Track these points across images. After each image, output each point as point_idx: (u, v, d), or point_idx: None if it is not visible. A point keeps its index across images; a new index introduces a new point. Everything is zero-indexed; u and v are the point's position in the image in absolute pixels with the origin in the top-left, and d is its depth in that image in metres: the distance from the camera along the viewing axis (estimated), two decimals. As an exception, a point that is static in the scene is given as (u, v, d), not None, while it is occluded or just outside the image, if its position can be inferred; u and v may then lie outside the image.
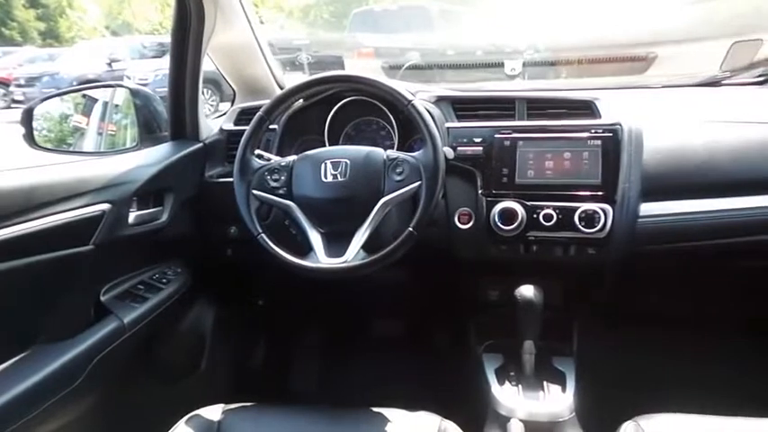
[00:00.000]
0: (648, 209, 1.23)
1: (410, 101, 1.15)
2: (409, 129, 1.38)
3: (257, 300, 1.78)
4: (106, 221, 1.16)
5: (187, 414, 1.08)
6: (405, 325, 1.92)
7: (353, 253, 1.12)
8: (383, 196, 1.13)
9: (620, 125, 1.24)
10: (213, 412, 1.08)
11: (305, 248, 1.16)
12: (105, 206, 1.16)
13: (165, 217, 1.34)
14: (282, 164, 1.21)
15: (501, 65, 1.88)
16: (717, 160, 1.24)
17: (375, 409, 1.08)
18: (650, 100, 1.48)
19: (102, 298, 1.22)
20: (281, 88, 1.61)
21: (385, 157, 1.16)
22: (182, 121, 1.45)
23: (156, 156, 1.36)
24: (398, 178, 1.13)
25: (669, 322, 1.59)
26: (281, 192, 1.18)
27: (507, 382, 1.25)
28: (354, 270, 1.11)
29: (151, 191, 1.30)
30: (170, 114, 1.46)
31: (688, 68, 1.88)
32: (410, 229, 1.11)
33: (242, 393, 1.18)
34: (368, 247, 1.13)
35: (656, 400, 1.06)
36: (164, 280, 1.37)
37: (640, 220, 1.22)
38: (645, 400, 1.09)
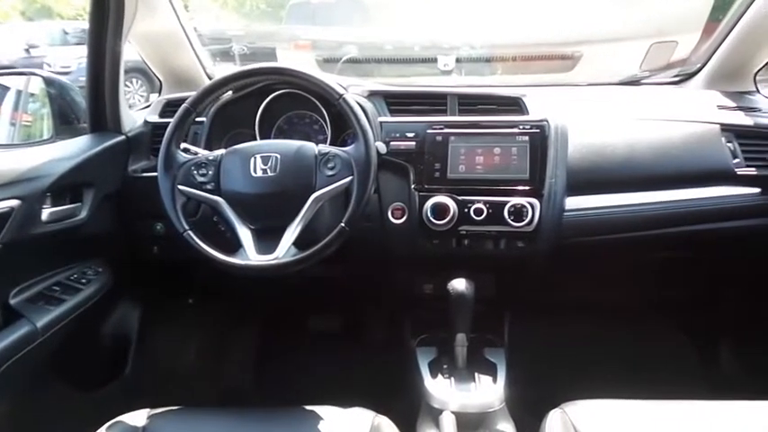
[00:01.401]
0: (573, 203, 1.27)
1: (341, 95, 1.14)
2: (342, 123, 1.37)
3: (187, 298, 1.72)
4: (15, 219, 1.08)
5: (109, 422, 1.02)
6: (340, 320, 1.92)
7: (284, 250, 1.09)
8: (314, 191, 1.11)
9: (547, 121, 1.27)
10: (137, 418, 1.03)
11: (234, 245, 1.13)
12: (14, 202, 1.08)
13: (83, 213, 1.26)
14: (210, 158, 1.16)
15: (434, 60, 1.89)
16: (637, 156, 1.30)
17: (308, 408, 1.07)
18: (576, 97, 1.53)
19: (12, 301, 1.14)
20: (211, 79, 1.55)
21: (316, 151, 1.14)
22: (101, 113, 1.37)
23: (73, 149, 1.28)
24: (330, 173, 1.12)
25: (594, 311, 1.66)
26: (208, 187, 1.14)
27: (440, 375, 1.26)
28: (285, 267, 1.09)
29: (67, 186, 1.23)
30: (89, 105, 1.38)
31: (611, 67, 1.97)
32: (342, 224, 1.10)
33: (170, 397, 1.13)
34: (299, 243, 1.11)
35: (584, 387, 1.10)
36: (83, 280, 1.29)
37: (566, 213, 1.26)
38: (572, 387, 1.12)
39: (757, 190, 1.30)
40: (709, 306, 1.72)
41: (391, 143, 1.29)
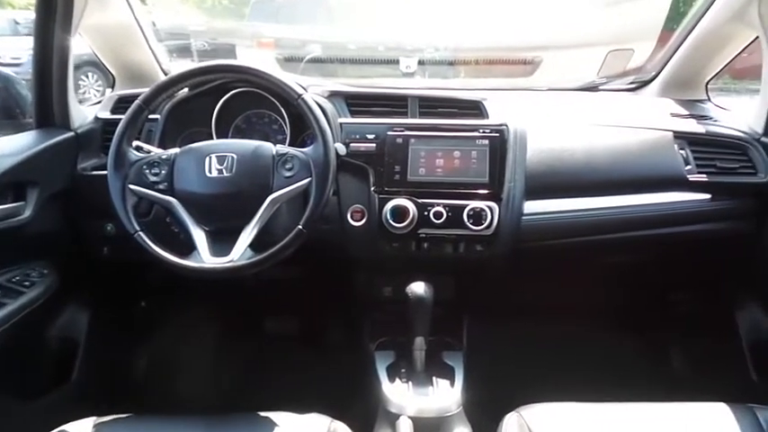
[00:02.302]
0: (532, 207, 1.28)
1: (300, 95, 1.12)
2: (301, 123, 1.34)
3: (139, 301, 1.66)
4: None
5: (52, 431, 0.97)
6: (299, 323, 1.89)
7: (240, 252, 1.07)
8: (272, 193, 1.09)
9: (507, 126, 1.28)
10: (83, 426, 0.98)
11: (188, 247, 1.10)
12: None
13: (27, 213, 1.20)
14: (163, 157, 1.13)
15: (396, 62, 1.89)
16: (594, 161, 1.32)
17: (263, 414, 1.04)
18: (536, 102, 1.54)
19: None
20: (167, 75, 1.50)
21: (274, 152, 1.12)
22: (48, 108, 1.31)
23: (16, 145, 1.22)
24: (288, 174, 1.11)
25: (551, 314, 1.68)
26: (161, 187, 1.11)
27: (398, 380, 1.25)
28: (240, 270, 1.07)
29: (9, 184, 1.17)
30: (35, 99, 1.32)
31: (570, 73, 2.00)
32: (299, 226, 1.08)
33: (121, 404, 1.09)
34: (256, 245, 1.09)
35: (541, 390, 1.11)
36: (26, 282, 1.23)
37: (524, 217, 1.27)
38: (530, 390, 1.13)
39: (708, 196, 1.33)
40: (661, 309, 1.76)
41: (351, 145, 1.28)
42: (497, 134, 1.27)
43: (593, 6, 2.17)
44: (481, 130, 1.28)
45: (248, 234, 1.08)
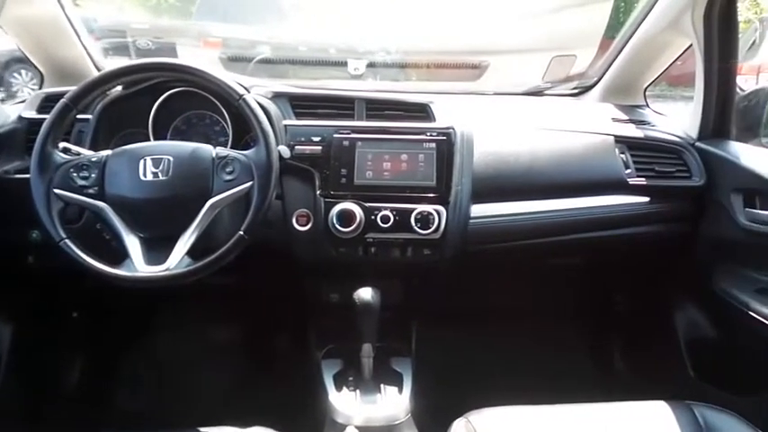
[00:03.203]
0: (478, 210, 1.28)
1: (241, 95, 1.09)
2: (244, 125, 1.30)
3: (70, 312, 1.57)
4: None
5: None
6: (243, 332, 1.83)
7: (177, 259, 1.02)
8: (211, 197, 1.05)
9: (453, 129, 1.28)
10: None
11: (121, 255, 1.04)
12: None
13: None
14: (93, 159, 1.07)
15: (345, 64, 1.87)
16: (538, 165, 1.34)
17: (203, 429, 0.99)
18: (482, 106, 1.55)
19: None
20: (100, 73, 1.43)
21: (214, 154, 1.08)
22: (-35, 106, 1.21)
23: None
24: (228, 178, 1.07)
25: (500, 317, 1.69)
26: (90, 191, 1.05)
27: (345, 388, 1.23)
28: (177, 278, 1.02)
29: None
30: (-50, 97, 1.22)
31: (516, 78, 2.03)
32: (240, 232, 1.05)
33: (47, 422, 1.01)
34: (194, 252, 1.04)
35: (490, 394, 1.10)
36: None
37: (471, 221, 1.27)
38: (479, 394, 1.12)
39: (647, 199, 1.37)
40: (605, 310, 1.80)
41: (296, 147, 1.25)
42: (445, 137, 1.27)
43: (538, 12, 2.21)
44: (428, 133, 1.27)
45: (186, 240, 1.03)
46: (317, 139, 1.26)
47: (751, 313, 1.23)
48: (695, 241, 1.42)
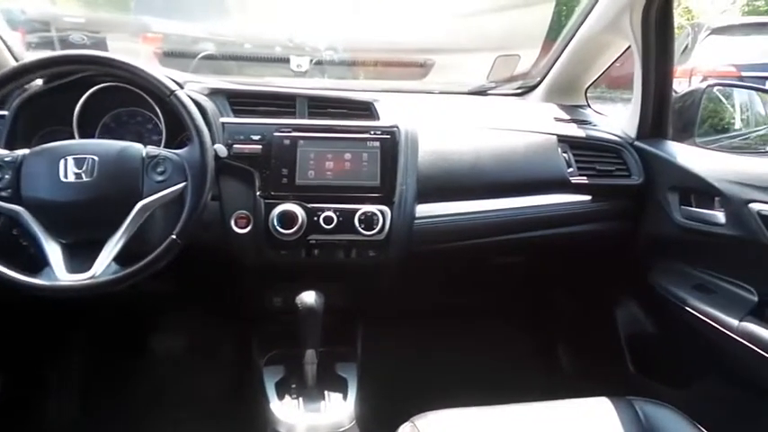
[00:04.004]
0: (424, 210, 1.26)
1: (173, 91, 1.03)
2: (179, 123, 1.24)
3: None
4: None
5: None
6: (183, 339, 1.75)
7: (103, 266, 0.96)
8: (141, 199, 1.00)
9: (398, 127, 1.25)
10: None
11: (40, 263, 0.96)
12: None
13: None
14: (7, 159, 0.99)
15: (287, 61, 1.81)
16: (482, 164, 1.33)
17: None
18: (427, 105, 1.54)
19: None
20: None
21: (144, 153, 1.03)
22: None
23: None
24: (160, 178, 1.02)
25: (446, 318, 1.68)
26: (3, 194, 0.97)
27: (287, 396, 1.19)
28: (103, 287, 0.95)
29: None
30: None
31: (461, 77, 2.03)
32: (173, 236, 0.99)
33: None
34: (123, 258, 0.98)
35: (436, 396, 1.09)
36: None
37: (416, 221, 1.25)
38: (426, 397, 1.11)
39: (588, 197, 1.39)
40: (550, 308, 1.83)
41: (234, 146, 1.19)
42: (388, 136, 1.24)
43: (481, 11, 2.22)
44: (372, 132, 1.24)
45: (113, 246, 0.97)
46: (256, 137, 1.21)
47: (687, 309, 1.26)
48: (635, 239, 1.46)
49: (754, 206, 1.14)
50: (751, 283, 1.19)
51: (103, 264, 0.96)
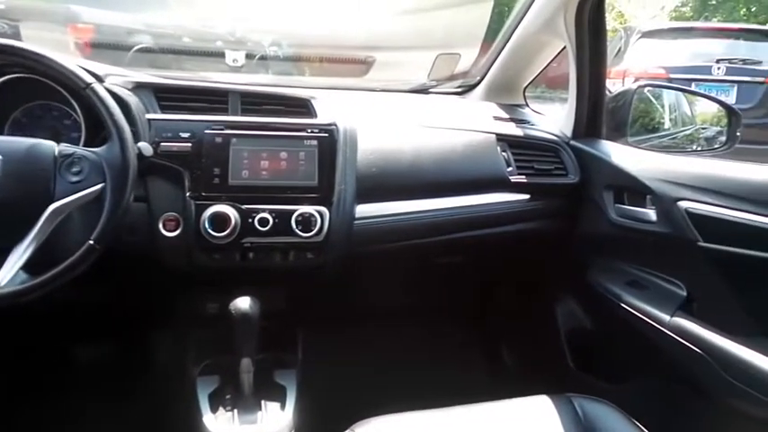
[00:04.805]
0: (363, 210, 1.23)
1: (89, 84, 0.96)
2: (99, 119, 1.16)
3: None
4: None
5: None
6: (111, 349, 1.65)
7: (9, 275, 0.88)
8: (53, 202, 0.92)
9: (336, 125, 1.22)
10: None
11: None
12: None
13: None
14: None
15: (222, 55, 1.74)
16: (422, 163, 1.31)
17: None
18: (366, 102, 1.51)
19: None
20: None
21: (56, 152, 0.95)
22: None
23: None
24: (75, 179, 0.94)
25: (388, 320, 1.66)
26: None
27: (222, 408, 1.13)
28: (9, 297, 0.88)
29: None
30: None
31: (403, 75, 2.01)
32: (90, 241, 0.92)
33: None
34: (33, 265, 0.91)
35: (380, 402, 1.07)
36: None
37: (356, 221, 1.22)
38: (369, 403, 1.08)
39: (527, 196, 1.40)
40: (491, 308, 1.84)
41: (162, 144, 1.12)
42: (327, 134, 1.20)
43: (421, 9, 2.21)
44: (310, 130, 1.20)
45: (21, 253, 0.89)
46: (185, 135, 1.14)
47: (622, 305, 1.29)
48: (573, 237, 1.48)
49: (683, 204, 1.17)
50: (681, 278, 1.23)
51: (10, 272, 0.88)
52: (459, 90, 1.78)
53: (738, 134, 1.49)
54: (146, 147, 1.05)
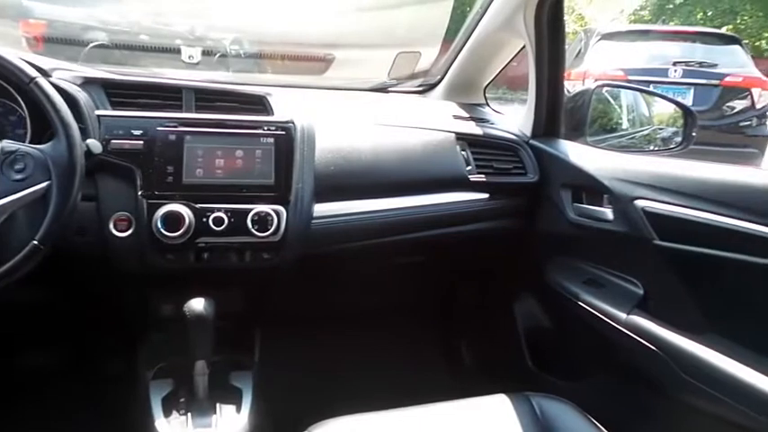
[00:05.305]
0: (321, 210, 1.22)
1: (33, 78, 0.93)
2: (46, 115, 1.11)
3: None
4: None
5: None
6: (60, 353, 1.59)
7: None
8: None
9: (293, 123, 1.19)
10: None
11: None
12: None
13: None
14: None
15: (178, 51, 1.69)
16: (382, 162, 1.30)
17: None
18: (326, 101, 1.49)
19: None
20: None
21: None
22: None
23: None
24: (18, 177, 0.91)
25: (349, 320, 1.64)
26: None
27: (175, 412, 1.10)
28: None
29: None
30: None
31: (363, 73, 2.00)
32: (34, 242, 0.89)
33: None
34: None
35: (339, 404, 1.05)
36: None
37: (314, 221, 1.20)
38: (327, 405, 1.07)
39: (486, 195, 1.40)
40: (452, 308, 1.84)
41: (112, 142, 1.09)
42: (283, 132, 1.18)
43: (381, 6, 2.20)
44: (266, 128, 1.17)
45: None
46: (137, 132, 1.11)
47: (580, 303, 1.31)
48: (532, 236, 1.49)
49: (639, 203, 1.19)
50: (637, 276, 1.25)
51: None
52: (420, 89, 1.78)
53: (694, 134, 1.53)
54: (94, 144, 1.01)
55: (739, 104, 5.25)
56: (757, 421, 0.98)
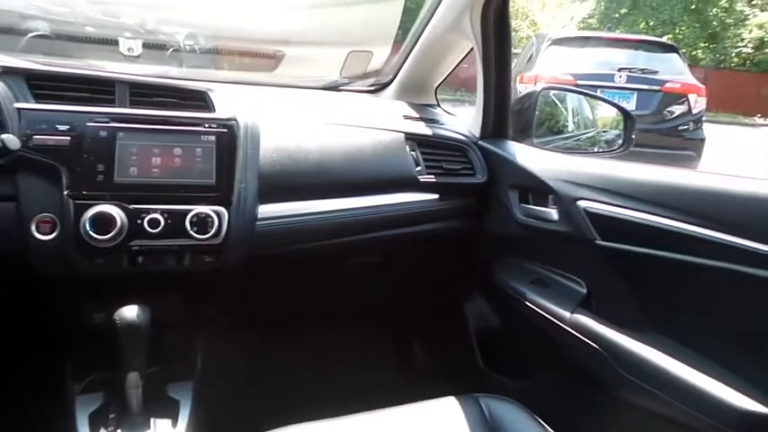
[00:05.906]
0: (267, 211, 1.17)
1: None
2: None
3: None
4: None
5: None
6: None
7: None
8: None
9: (236, 120, 1.15)
10: None
11: None
12: None
13: None
14: None
15: (116, 43, 1.60)
16: (330, 162, 1.27)
17: None
18: (273, 98, 1.44)
19: None
20: None
21: None
22: None
23: None
24: None
25: (299, 324, 1.60)
26: None
27: (103, 428, 1.04)
28: None
29: None
30: None
31: (314, 71, 1.95)
32: None
33: None
34: None
35: (288, 411, 1.01)
36: None
37: (259, 222, 1.16)
38: (276, 412, 1.02)
39: (436, 196, 1.39)
40: (405, 309, 1.82)
41: (35, 137, 1.01)
42: (226, 129, 1.13)
43: (335, 5, 2.16)
44: (207, 125, 1.12)
45: None
46: (63, 127, 1.03)
47: (527, 303, 1.31)
48: (481, 236, 1.49)
49: (581, 203, 1.20)
50: (581, 276, 1.27)
51: None
52: (372, 88, 1.76)
53: (633, 136, 1.56)
54: (11, 139, 0.94)
55: (678, 109, 5.46)
56: (694, 417, 1.00)
